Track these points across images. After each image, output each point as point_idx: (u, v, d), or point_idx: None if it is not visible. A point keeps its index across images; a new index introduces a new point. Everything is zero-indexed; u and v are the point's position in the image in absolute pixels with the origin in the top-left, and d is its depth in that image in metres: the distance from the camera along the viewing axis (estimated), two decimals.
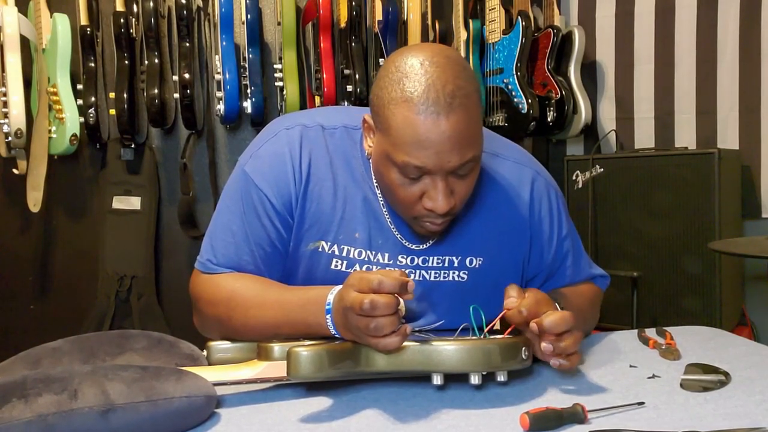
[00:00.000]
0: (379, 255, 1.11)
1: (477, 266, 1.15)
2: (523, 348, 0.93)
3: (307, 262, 1.12)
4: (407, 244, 1.12)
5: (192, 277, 1.17)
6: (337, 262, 1.11)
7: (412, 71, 0.96)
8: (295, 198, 1.10)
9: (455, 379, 0.95)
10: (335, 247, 1.11)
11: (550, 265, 1.21)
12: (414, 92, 0.95)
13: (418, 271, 1.13)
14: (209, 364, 1.01)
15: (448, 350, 0.90)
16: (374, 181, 1.12)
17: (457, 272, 1.14)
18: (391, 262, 1.12)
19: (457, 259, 1.14)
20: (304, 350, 0.85)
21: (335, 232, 1.11)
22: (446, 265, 1.14)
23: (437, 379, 0.92)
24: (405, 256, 1.12)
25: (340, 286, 0.96)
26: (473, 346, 0.90)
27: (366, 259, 1.11)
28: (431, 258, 1.13)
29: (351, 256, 1.11)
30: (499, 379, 0.92)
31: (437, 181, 0.99)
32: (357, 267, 1.11)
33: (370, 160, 1.09)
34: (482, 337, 0.95)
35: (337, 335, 0.96)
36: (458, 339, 0.93)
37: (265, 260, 1.12)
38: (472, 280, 1.15)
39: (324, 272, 1.11)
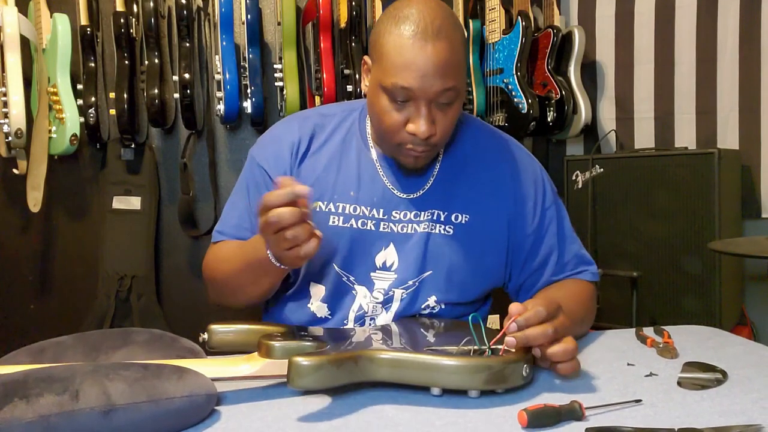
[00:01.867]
0: (374, 210, 1.23)
1: (463, 222, 1.24)
2: (525, 366, 0.93)
3: None
4: (398, 193, 1.23)
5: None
6: (334, 218, 1.23)
7: (407, 8, 1.10)
8: (290, 170, 1.25)
9: None
10: (331, 205, 1.23)
11: (533, 234, 1.28)
12: (405, 22, 1.09)
13: (411, 225, 1.23)
14: (210, 347, 1.02)
15: (450, 367, 0.90)
16: (369, 137, 1.26)
17: (443, 226, 1.24)
18: (385, 216, 1.23)
19: (443, 213, 1.24)
20: (305, 360, 0.85)
21: (330, 192, 1.24)
22: (434, 218, 1.24)
23: (436, 391, 0.92)
24: (398, 212, 1.23)
25: None
26: (475, 365, 0.90)
27: (361, 214, 1.23)
28: (422, 212, 1.24)
29: (347, 212, 1.23)
30: (497, 392, 0.92)
31: (421, 106, 1.10)
32: (353, 222, 1.22)
33: (366, 100, 1.22)
34: (486, 352, 0.94)
35: (275, 262, 1.08)
36: (460, 355, 0.93)
37: None
38: (458, 235, 1.24)
39: (324, 230, 1.17)
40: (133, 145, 2.74)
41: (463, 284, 1.25)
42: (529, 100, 2.60)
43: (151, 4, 2.53)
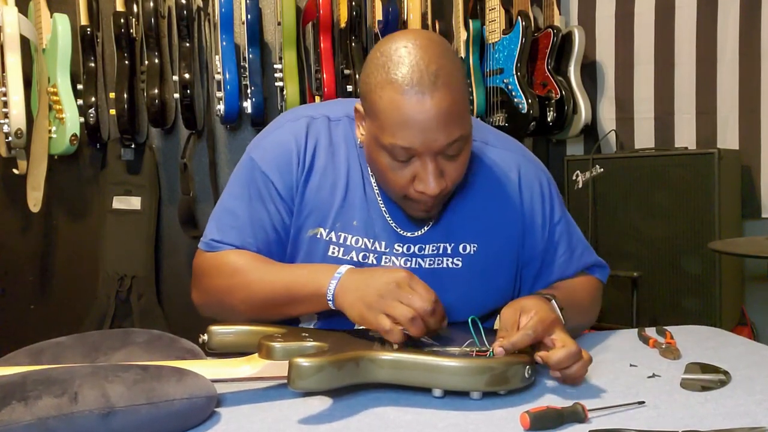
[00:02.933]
0: (376, 243, 1.14)
1: (471, 252, 1.16)
2: (527, 367, 0.92)
3: (306, 249, 1.14)
4: (402, 232, 1.14)
5: (195, 256, 1.20)
6: (334, 249, 1.13)
7: (396, 54, 0.98)
8: (296, 184, 1.13)
9: None
10: (332, 234, 1.13)
11: (543, 251, 1.21)
12: (398, 73, 0.97)
13: (414, 259, 1.14)
14: (210, 348, 1.02)
15: (451, 368, 0.90)
16: (369, 169, 1.14)
17: (450, 259, 1.15)
18: (387, 250, 1.14)
19: (450, 246, 1.15)
20: (306, 361, 0.84)
21: (333, 219, 1.13)
22: (440, 252, 1.15)
23: (437, 392, 0.92)
24: (401, 245, 1.14)
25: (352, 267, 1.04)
26: (477, 366, 0.90)
27: (363, 246, 1.13)
28: (426, 246, 1.15)
29: (348, 243, 1.13)
30: (500, 394, 0.92)
31: (427, 162, 1.00)
32: (353, 254, 1.13)
33: (363, 148, 1.11)
34: (488, 354, 0.94)
35: (330, 300, 1.01)
36: (462, 357, 0.92)
37: (266, 243, 1.15)
38: (467, 267, 1.16)
39: (322, 259, 1.13)
40: (133, 145, 2.74)
41: (469, 309, 1.13)
42: (529, 100, 2.60)
43: (151, 4, 2.53)
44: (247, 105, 2.62)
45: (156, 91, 2.56)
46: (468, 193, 1.16)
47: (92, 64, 2.61)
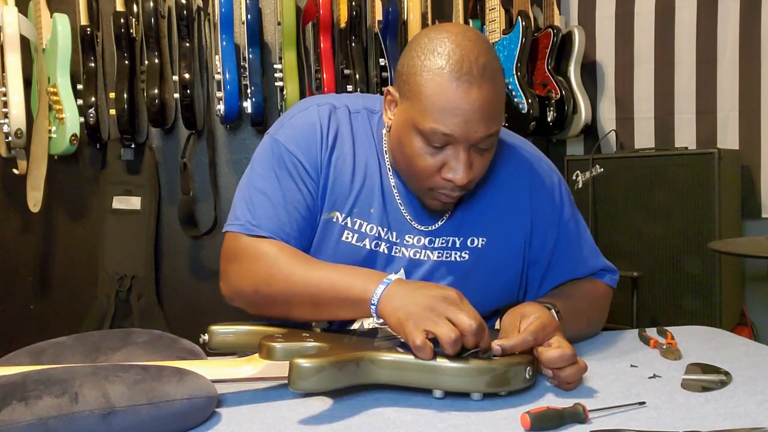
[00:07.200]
0: (389, 233, 1.15)
1: (480, 246, 1.17)
2: (527, 368, 0.93)
3: (320, 231, 1.15)
4: (416, 225, 1.16)
5: (227, 239, 1.15)
6: (348, 234, 1.14)
7: (447, 42, 1.01)
8: (321, 163, 1.14)
9: None
10: (348, 219, 1.14)
11: (551, 251, 1.22)
12: (448, 61, 1.00)
13: (423, 251, 1.16)
14: (210, 348, 1.01)
15: (451, 369, 0.89)
16: (387, 161, 1.16)
17: (458, 252, 1.17)
18: (398, 240, 1.15)
19: (459, 239, 1.17)
20: (306, 362, 0.84)
21: (351, 205, 1.14)
22: (449, 245, 1.17)
23: (438, 393, 0.92)
24: (412, 236, 1.16)
25: (400, 278, 1.01)
26: (477, 368, 0.90)
27: (377, 235, 1.15)
28: (437, 239, 1.16)
29: (363, 230, 1.14)
30: (500, 394, 0.92)
31: (460, 152, 1.03)
32: (367, 242, 1.14)
33: (389, 133, 1.13)
34: (487, 354, 0.94)
35: (373, 305, 0.97)
36: (462, 357, 0.92)
37: (300, 225, 1.13)
38: (474, 260, 1.17)
39: (335, 243, 1.14)
40: (133, 145, 2.74)
41: (473, 304, 1.11)
42: (529, 100, 2.60)
43: (151, 4, 2.53)
44: (247, 105, 2.61)
45: (156, 91, 2.56)
46: (481, 189, 1.17)
47: (92, 64, 2.60)
